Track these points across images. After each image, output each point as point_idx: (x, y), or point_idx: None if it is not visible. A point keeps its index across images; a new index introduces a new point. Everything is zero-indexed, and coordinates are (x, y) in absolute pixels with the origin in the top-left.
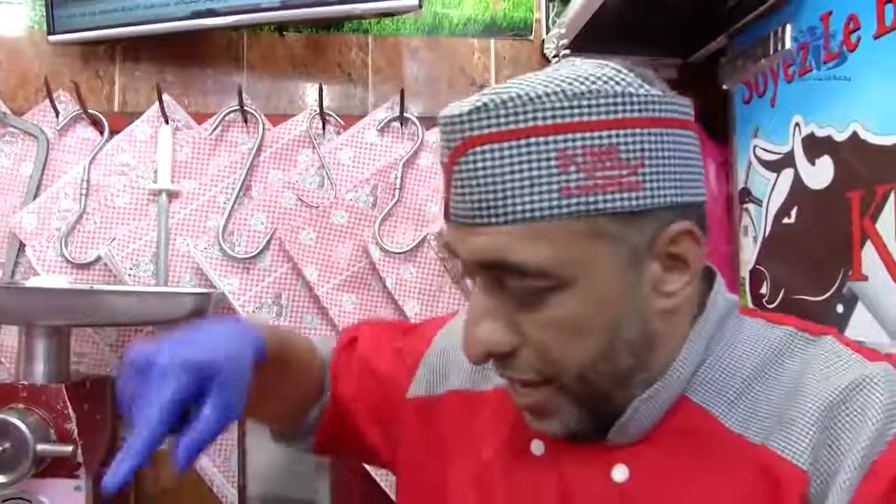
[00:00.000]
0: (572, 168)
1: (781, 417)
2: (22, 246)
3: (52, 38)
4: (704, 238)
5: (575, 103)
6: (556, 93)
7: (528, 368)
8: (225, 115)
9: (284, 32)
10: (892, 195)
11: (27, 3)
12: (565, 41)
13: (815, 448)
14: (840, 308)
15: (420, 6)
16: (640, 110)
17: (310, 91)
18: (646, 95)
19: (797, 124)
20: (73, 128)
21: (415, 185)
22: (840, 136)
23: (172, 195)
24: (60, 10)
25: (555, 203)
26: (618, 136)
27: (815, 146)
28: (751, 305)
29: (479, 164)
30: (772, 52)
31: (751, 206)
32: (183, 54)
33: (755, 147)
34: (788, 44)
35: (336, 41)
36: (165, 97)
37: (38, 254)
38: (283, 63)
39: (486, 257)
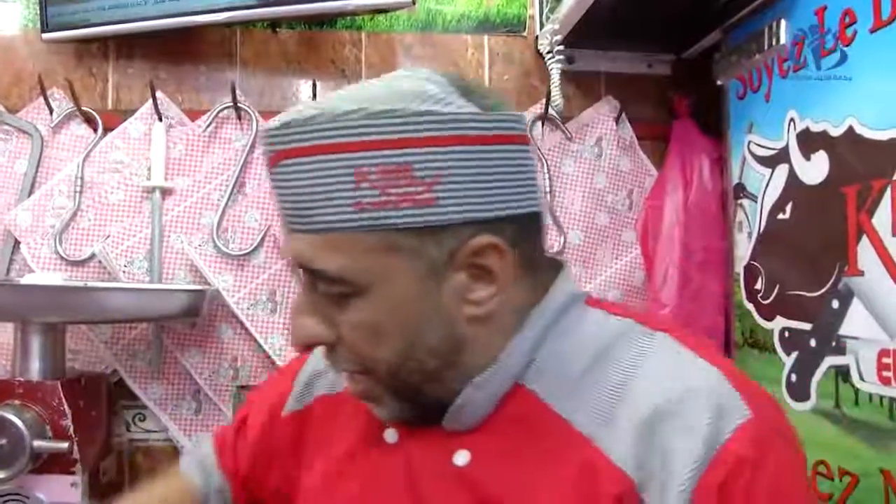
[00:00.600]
0: (365, 185)
1: (609, 412)
2: (17, 243)
3: (45, 35)
4: (528, 246)
5: (373, 122)
6: (356, 111)
7: (346, 361)
8: (218, 112)
9: (277, 29)
10: (889, 190)
11: (21, 1)
12: (559, 37)
13: (640, 454)
14: (836, 304)
15: (413, 2)
16: (438, 129)
17: (303, 87)
18: (451, 114)
19: (792, 119)
20: (67, 125)
21: None
22: (836, 131)
23: (166, 192)
24: (54, 9)
25: (349, 216)
26: (413, 154)
27: (810, 141)
28: (745, 302)
29: (287, 177)
30: (766, 47)
31: (745, 202)
32: (176, 51)
33: (749, 142)
34: (783, 39)
35: (329, 38)
36: (159, 94)
37: (33, 251)
38: (277, 60)
39: (296, 260)
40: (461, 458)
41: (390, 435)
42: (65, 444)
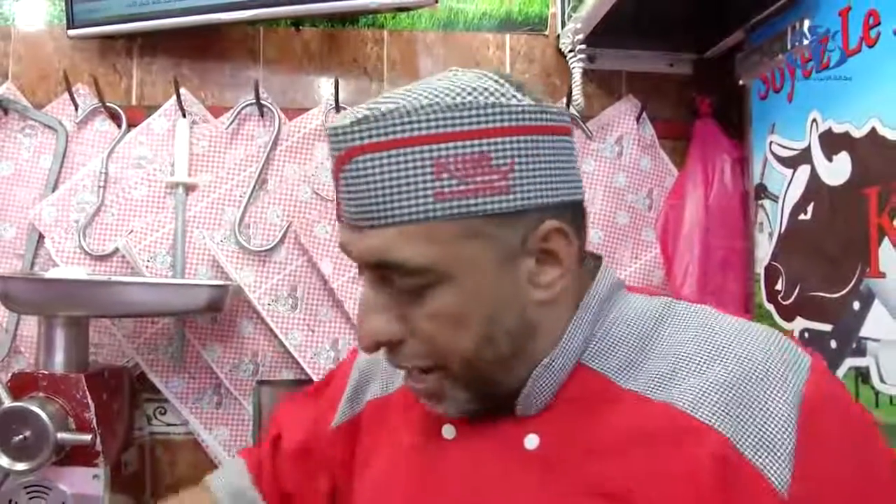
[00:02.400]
0: (445, 175)
1: (675, 376)
2: (41, 237)
3: (71, 32)
4: (581, 232)
5: (448, 115)
6: (430, 105)
7: (416, 357)
8: (241, 109)
9: (300, 27)
10: None
11: None
12: (581, 36)
13: (728, 411)
14: (857, 305)
15: (436, 1)
16: (509, 120)
17: (325, 85)
18: (516, 106)
19: (814, 120)
20: (92, 121)
21: None
22: (858, 132)
23: (189, 188)
24: (79, 5)
25: (430, 207)
26: (489, 144)
27: (832, 142)
28: (766, 302)
29: (362, 172)
30: (789, 47)
31: (766, 203)
32: (200, 48)
33: (771, 143)
34: (806, 39)
35: (352, 36)
36: (182, 91)
37: (57, 245)
38: (299, 57)
39: (371, 257)
40: (531, 441)
41: (448, 431)
42: (87, 437)
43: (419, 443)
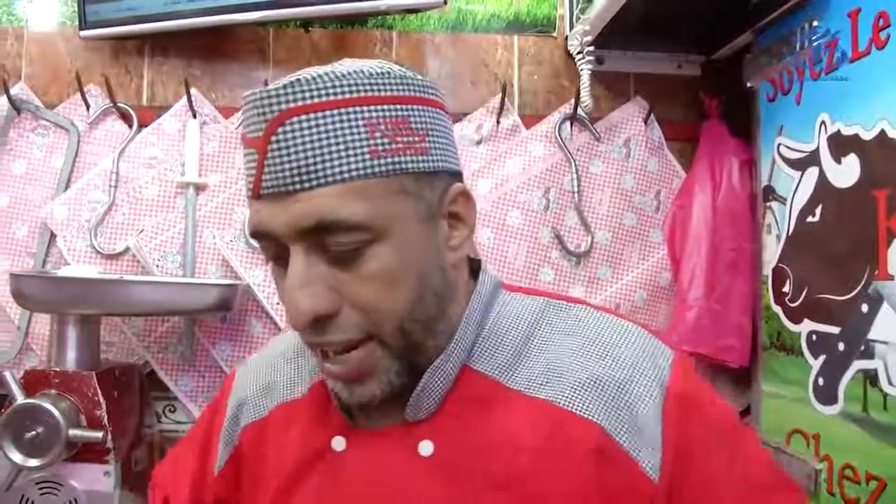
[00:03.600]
0: (378, 134)
1: (554, 374)
2: (53, 236)
3: (83, 33)
4: None
5: (374, 81)
6: (356, 72)
7: (349, 328)
8: None
9: (309, 28)
10: None
11: None
12: (589, 38)
13: (601, 402)
14: (865, 308)
15: (444, 2)
16: (420, 91)
17: None
18: (422, 80)
19: (823, 122)
20: (104, 121)
21: None
22: (867, 135)
23: (199, 188)
24: (92, 7)
25: (367, 164)
26: (408, 109)
27: (841, 144)
28: (773, 304)
29: (297, 133)
30: (797, 49)
31: (774, 205)
32: (210, 49)
33: (780, 145)
34: (814, 41)
35: (360, 37)
36: (193, 91)
37: (69, 244)
38: (309, 58)
39: (308, 220)
40: (425, 448)
41: (337, 443)
42: (99, 434)
43: (309, 460)
